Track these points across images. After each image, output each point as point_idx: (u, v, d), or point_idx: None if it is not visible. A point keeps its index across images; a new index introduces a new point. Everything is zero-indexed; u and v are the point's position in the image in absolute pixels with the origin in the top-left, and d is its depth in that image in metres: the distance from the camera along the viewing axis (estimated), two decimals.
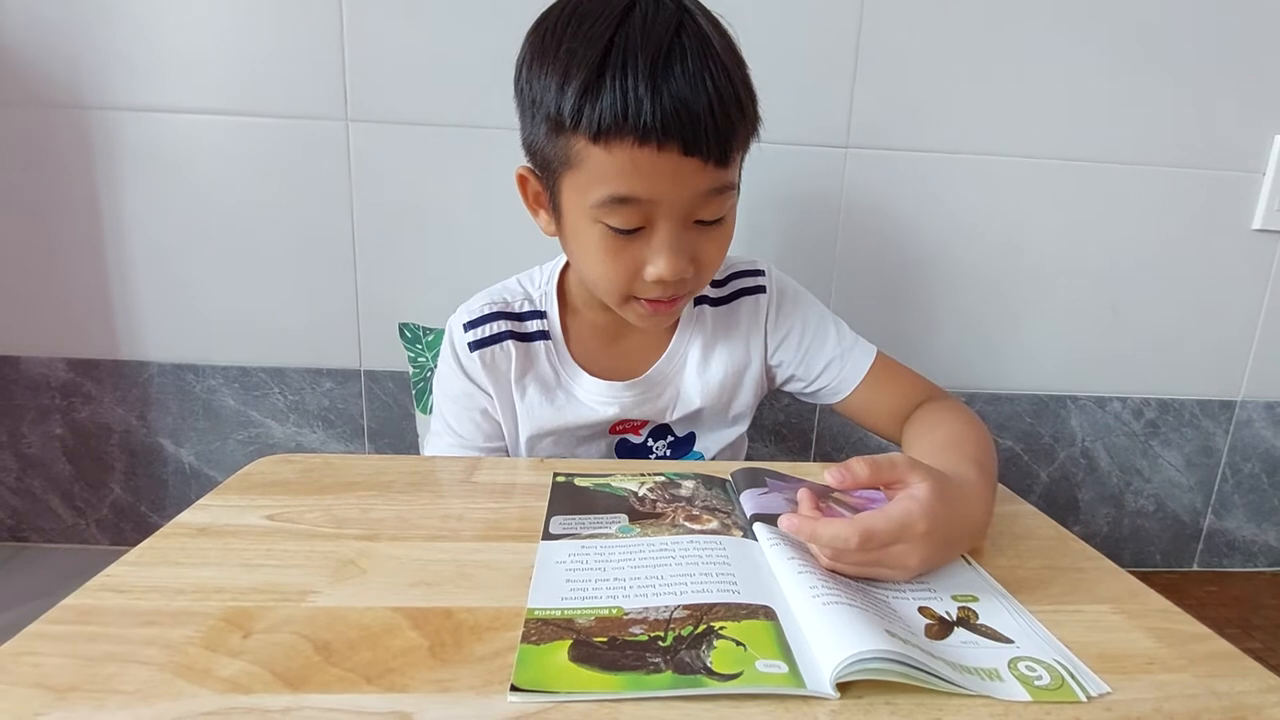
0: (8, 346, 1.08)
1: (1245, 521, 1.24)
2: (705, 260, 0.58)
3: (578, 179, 0.54)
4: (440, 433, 0.71)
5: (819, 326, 0.71)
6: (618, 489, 0.53)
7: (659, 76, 0.49)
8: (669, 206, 0.53)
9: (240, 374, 1.10)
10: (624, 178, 0.52)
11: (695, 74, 0.49)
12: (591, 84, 0.49)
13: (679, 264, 0.55)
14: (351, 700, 0.31)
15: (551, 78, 0.52)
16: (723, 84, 0.50)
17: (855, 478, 0.42)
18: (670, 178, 0.52)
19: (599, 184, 0.53)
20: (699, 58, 0.50)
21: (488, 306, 0.68)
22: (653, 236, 0.55)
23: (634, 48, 0.49)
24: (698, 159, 0.51)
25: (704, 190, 0.53)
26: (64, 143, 1.00)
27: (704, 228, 0.56)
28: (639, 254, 0.56)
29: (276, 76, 0.99)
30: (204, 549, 0.44)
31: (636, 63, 0.49)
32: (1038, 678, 0.34)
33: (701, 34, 0.51)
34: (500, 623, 0.37)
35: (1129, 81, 1.04)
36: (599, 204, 0.53)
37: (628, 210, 0.53)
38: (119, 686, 0.32)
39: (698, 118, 0.49)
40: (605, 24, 0.50)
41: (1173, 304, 1.13)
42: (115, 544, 1.16)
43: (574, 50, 0.50)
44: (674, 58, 0.49)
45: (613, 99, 0.49)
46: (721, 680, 0.32)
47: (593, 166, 0.52)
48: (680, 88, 0.49)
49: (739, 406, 0.72)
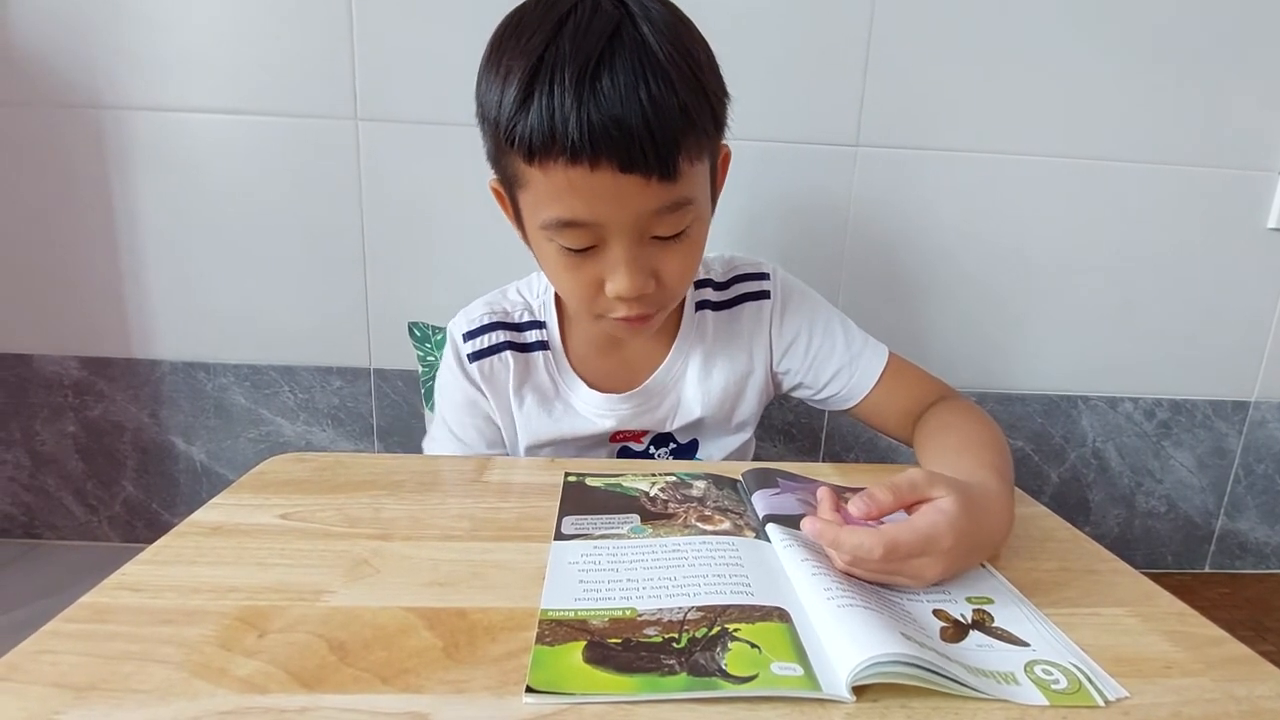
0: (21, 345, 1.09)
1: (1258, 523, 1.23)
2: (668, 276, 0.55)
3: (526, 197, 0.52)
4: (441, 439, 0.70)
5: (826, 332, 0.68)
6: (629, 489, 0.53)
7: (585, 90, 0.45)
8: (617, 227, 0.51)
9: (251, 372, 1.10)
10: (563, 200, 0.49)
11: (627, 85, 0.46)
12: (521, 101, 0.47)
13: (636, 281, 0.52)
14: (367, 700, 0.31)
15: (492, 93, 0.49)
16: (660, 93, 0.46)
17: (879, 505, 0.41)
18: (611, 198, 0.49)
19: (543, 205, 0.51)
20: (633, 67, 0.46)
21: (487, 316, 0.67)
22: (606, 254, 0.52)
23: (562, 60, 0.46)
24: (637, 176, 0.48)
25: (653, 209, 0.50)
26: (76, 142, 1.01)
27: (664, 242, 0.53)
28: (597, 270, 0.53)
29: (287, 76, 0.99)
30: (218, 548, 0.44)
31: (564, 77, 0.46)
32: (1054, 681, 0.34)
33: (639, 39, 0.47)
34: (514, 623, 0.37)
35: (1142, 80, 1.03)
36: (546, 225, 0.51)
37: (575, 232, 0.51)
38: (137, 685, 0.32)
39: (630, 132, 0.46)
40: (541, 34, 0.47)
41: (1185, 304, 1.12)
42: (127, 541, 1.17)
43: (510, 65, 0.48)
44: (603, 69, 0.46)
45: (539, 118, 0.46)
46: (737, 683, 0.32)
47: (535, 187, 0.50)
48: (609, 102, 0.45)
49: (742, 415, 0.70)
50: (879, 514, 0.42)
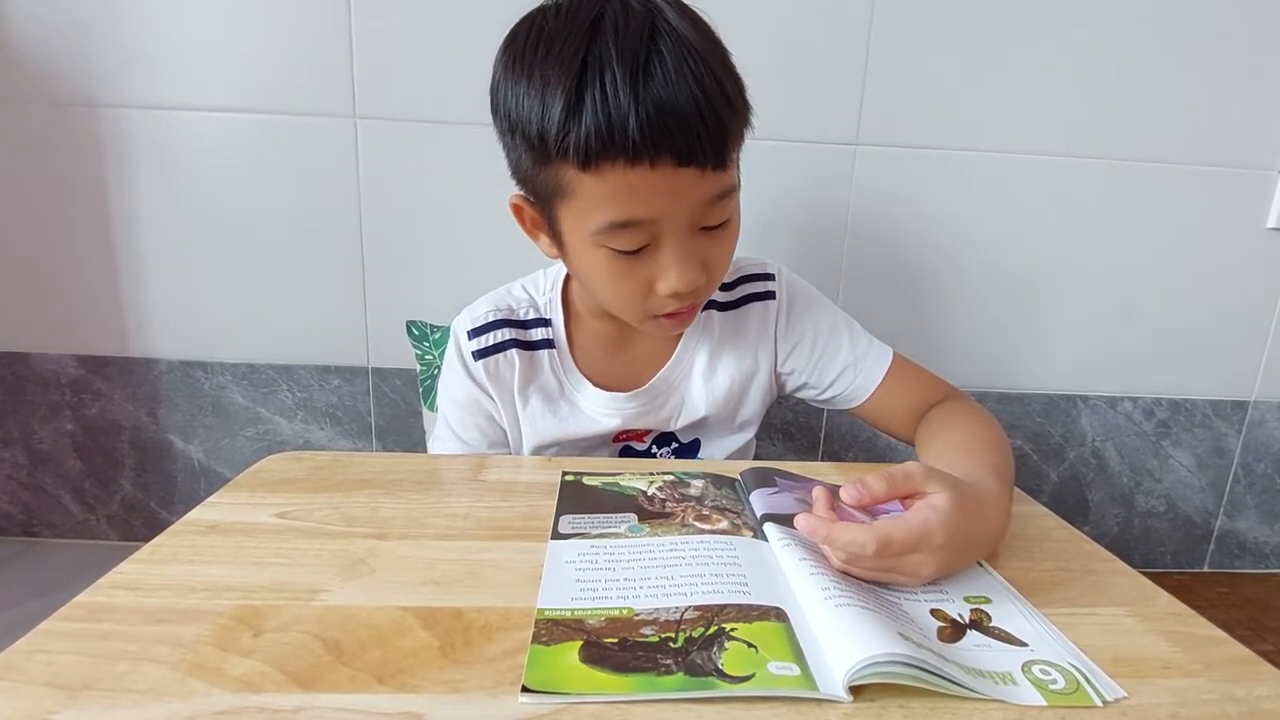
0: (18, 343, 1.09)
1: (1257, 523, 1.23)
2: (715, 265, 0.56)
3: (574, 206, 0.52)
4: (444, 438, 0.70)
5: (831, 333, 0.68)
6: (626, 488, 0.53)
7: (639, 87, 0.46)
8: (672, 221, 0.51)
9: (249, 371, 1.10)
10: (621, 202, 0.49)
11: (677, 76, 0.46)
12: (572, 109, 0.47)
13: (691, 275, 0.53)
14: (363, 700, 0.31)
15: (529, 106, 0.49)
16: (708, 82, 0.47)
17: (872, 494, 0.41)
18: (669, 193, 0.49)
19: (596, 211, 0.50)
20: (678, 59, 0.47)
21: (492, 314, 0.66)
22: (660, 252, 0.53)
23: (609, 62, 0.46)
24: (695, 167, 0.49)
25: (706, 199, 0.51)
26: (74, 140, 1.01)
27: (710, 232, 0.55)
28: (648, 272, 0.54)
29: (285, 74, 0.99)
30: (214, 547, 0.44)
31: (615, 78, 0.46)
32: (1052, 682, 0.34)
33: (677, 33, 0.48)
34: (510, 623, 0.37)
35: (1142, 79, 1.03)
36: (599, 231, 0.51)
37: (630, 233, 0.51)
38: (131, 685, 0.32)
39: (687, 123, 0.47)
40: (576, 42, 0.47)
41: (1185, 303, 1.12)
42: (125, 540, 1.17)
43: (548, 75, 0.48)
44: (653, 64, 0.46)
45: (595, 121, 0.46)
46: (733, 682, 0.32)
47: (586, 194, 0.50)
48: (664, 96, 0.46)
49: (745, 414, 0.70)
50: (871, 502, 0.42)
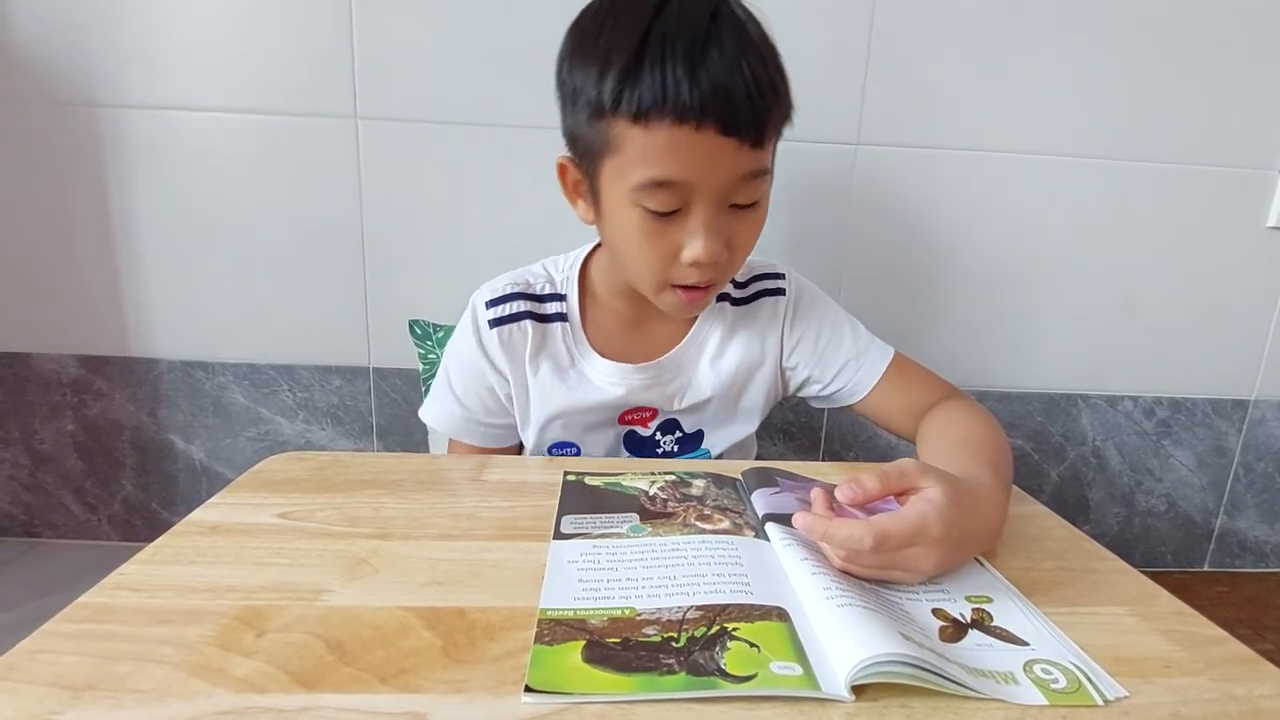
0: (19, 343, 1.09)
1: (1258, 522, 1.24)
2: (739, 244, 0.59)
3: (617, 162, 0.55)
4: (441, 398, 0.71)
5: (835, 329, 0.71)
6: (628, 488, 0.53)
7: (697, 60, 0.50)
8: (706, 189, 0.54)
9: (250, 371, 1.10)
10: (663, 159, 0.53)
11: (732, 58, 0.51)
12: (631, 68, 0.51)
13: (714, 247, 0.56)
14: (366, 700, 0.31)
15: (592, 67, 0.54)
16: (758, 68, 0.52)
17: (866, 492, 0.42)
18: (708, 159, 0.53)
19: (638, 166, 0.54)
20: (735, 43, 0.52)
21: (510, 286, 0.69)
22: (689, 219, 0.56)
23: (671, 35, 0.51)
24: (735, 139, 0.52)
25: (740, 173, 0.55)
26: (74, 140, 1.01)
27: (739, 211, 0.57)
28: (676, 237, 0.57)
29: (286, 74, 0.99)
30: (217, 547, 0.44)
31: (675, 48, 0.51)
32: (1054, 681, 0.34)
33: (737, 21, 0.53)
34: (513, 623, 0.37)
35: (1142, 78, 1.03)
36: (638, 186, 0.54)
37: (666, 193, 0.54)
38: (135, 685, 0.32)
39: (734, 99, 0.51)
40: (642, 15, 0.52)
41: (1185, 302, 1.12)
42: (126, 540, 1.17)
43: (613, 41, 0.53)
44: (711, 43, 0.51)
45: (652, 81, 0.51)
46: (736, 682, 0.32)
47: (632, 149, 0.54)
48: (717, 71, 0.51)
49: (748, 402, 0.72)
50: (866, 499, 0.42)
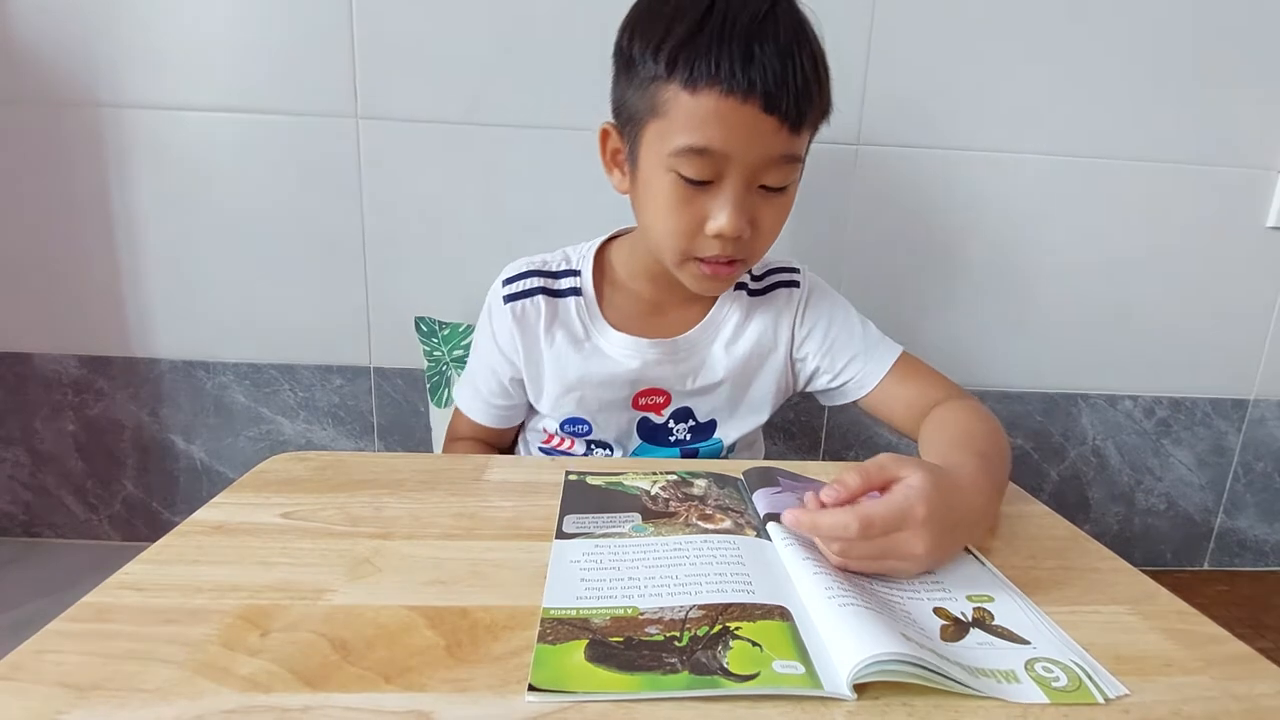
0: (20, 343, 1.09)
1: (1257, 521, 1.24)
2: (763, 225, 0.61)
3: (660, 126, 0.57)
4: (465, 381, 0.78)
5: (845, 323, 0.73)
6: (630, 488, 0.53)
7: (753, 39, 0.53)
8: (740, 163, 0.56)
9: (251, 370, 1.10)
10: (705, 127, 0.55)
11: (785, 44, 0.54)
12: (691, 37, 0.54)
13: (739, 221, 0.58)
14: (370, 699, 0.31)
15: (653, 35, 0.56)
16: (806, 59, 0.55)
17: (849, 489, 0.43)
18: (747, 133, 0.55)
19: (681, 132, 0.56)
20: (790, 32, 0.55)
21: (526, 265, 0.72)
22: (719, 192, 0.58)
23: (731, 14, 0.54)
24: (775, 119, 0.55)
25: (775, 154, 0.57)
26: (75, 140, 1.01)
27: (767, 194, 0.59)
28: (704, 208, 0.58)
29: (287, 74, 0.99)
30: (220, 547, 0.44)
31: (735, 25, 0.54)
32: (1055, 679, 0.34)
33: (795, 15, 0.57)
34: (516, 622, 0.37)
35: (1142, 78, 1.03)
36: (677, 151, 0.56)
37: (702, 161, 0.56)
38: (140, 685, 0.32)
39: (782, 80, 0.54)
40: None
41: (1185, 302, 1.13)
42: (127, 540, 1.17)
43: (677, 12, 0.55)
44: (767, 26, 0.54)
45: (708, 49, 0.53)
46: (738, 681, 0.32)
47: (678, 114, 0.56)
48: (770, 52, 0.54)
49: (759, 391, 0.74)
50: (849, 497, 0.43)
